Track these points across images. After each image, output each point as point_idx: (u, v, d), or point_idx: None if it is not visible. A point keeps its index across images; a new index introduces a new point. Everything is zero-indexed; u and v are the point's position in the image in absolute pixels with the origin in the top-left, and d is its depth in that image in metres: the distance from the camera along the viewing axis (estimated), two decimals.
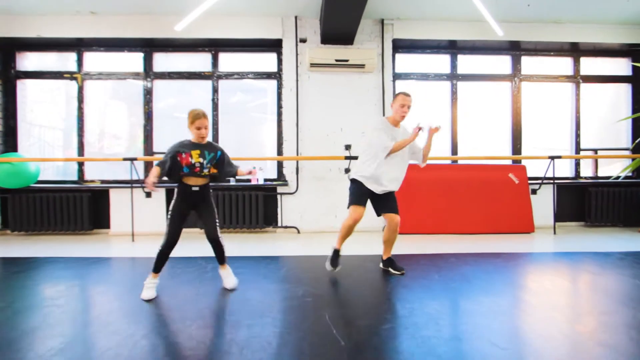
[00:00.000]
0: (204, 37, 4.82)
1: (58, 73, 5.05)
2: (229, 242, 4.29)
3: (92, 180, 5.05)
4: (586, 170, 5.47)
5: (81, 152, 5.04)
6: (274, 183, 4.92)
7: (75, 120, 5.05)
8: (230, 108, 5.17)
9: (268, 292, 2.57)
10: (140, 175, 4.72)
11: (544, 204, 4.98)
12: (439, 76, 5.30)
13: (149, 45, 5.02)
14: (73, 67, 5.05)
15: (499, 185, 4.85)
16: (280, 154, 5.03)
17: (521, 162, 5.12)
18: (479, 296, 2.46)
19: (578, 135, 5.39)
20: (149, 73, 5.06)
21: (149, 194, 4.76)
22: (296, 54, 4.90)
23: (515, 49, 5.29)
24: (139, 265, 3.28)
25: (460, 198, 4.77)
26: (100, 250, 3.94)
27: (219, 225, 2.59)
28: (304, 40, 4.90)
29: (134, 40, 4.88)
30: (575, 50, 5.35)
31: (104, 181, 5.02)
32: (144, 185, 4.62)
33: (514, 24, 4.93)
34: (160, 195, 4.78)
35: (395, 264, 3.01)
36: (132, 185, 4.56)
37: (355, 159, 3.80)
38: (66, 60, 5.10)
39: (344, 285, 2.72)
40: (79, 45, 4.99)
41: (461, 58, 5.32)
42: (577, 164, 5.41)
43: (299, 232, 4.90)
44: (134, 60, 5.08)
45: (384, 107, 4.94)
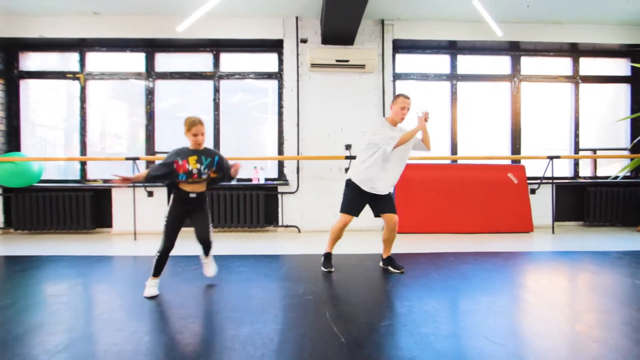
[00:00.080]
0: (205, 38, 4.85)
1: (61, 73, 5.09)
2: (230, 241, 4.36)
3: (95, 180, 5.09)
4: (585, 170, 5.50)
5: (84, 152, 5.09)
6: (275, 182, 4.95)
7: (78, 120, 5.09)
8: (232, 108, 5.20)
9: (269, 290, 2.60)
10: None
11: (543, 204, 5.02)
12: (438, 76, 5.33)
13: (151, 46, 5.06)
14: (75, 67, 5.09)
15: (498, 185, 4.88)
16: (281, 153, 5.06)
17: (520, 162, 5.15)
18: (478, 295, 2.49)
19: (577, 136, 5.42)
20: (150, 73, 5.10)
21: (151, 193, 4.80)
22: (297, 55, 4.94)
23: (514, 49, 5.32)
24: (142, 264, 3.32)
25: (460, 198, 4.81)
26: (103, 249, 3.98)
27: (212, 230, 2.67)
28: (304, 41, 4.94)
29: (136, 40, 4.92)
30: (574, 50, 5.38)
31: (106, 180, 5.06)
32: (145, 184, 4.66)
33: (514, 25, 4.96)
34: (162, 194, 4.81)
35: (394, 263, 3.04)
36: (134, 184, 4.60)
37: (355, 158, 3.82)
38: (68, 60, 5.14)
39: (344, 284, 2.76)
40: (82, 46, 5.03)
41: (461, 58, 5.35)
42: (576, 164, 5.44)
43: (299, 231, 4.94)
44: (136, 61, 5.12)
45: (384, 107, 4.97)
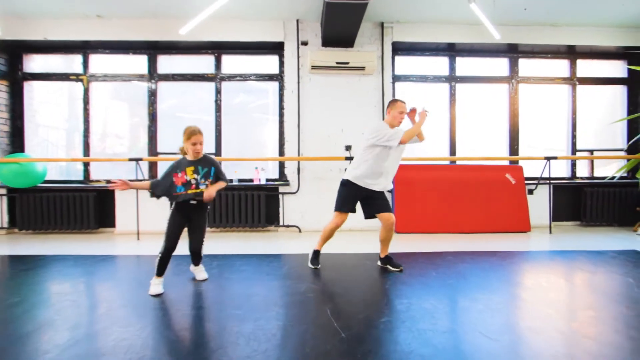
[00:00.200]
0: (207, 40, 4.91)
1: (64, 75, 5.15)
2: (232, 241, 4.42)
3: (98, 180, 5.15)
4: (582, 170, 5.56)
5: (87, 153, 5.15)
6: (276, 183, 5.02)
7: (82, 121, 5.15)
8: (233, 109, 5.26)
9: (271, 288, 2.67)
10: (145, 175, 4.82)
11: (541, 204, 5.08)
12: (437, 78, 5.40)
13: (154, 48, 5.12)
14: (79, 69, 5.15)
15: (496, 186, 4.94)
16: (282, 154, 5.13)
17: (518, 163, 5.21)
18: (475, 293, 2.55)
19: (574, 136, 5.48)
20: (153, 75, 5.16)
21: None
22: (297, 57, 5.00)
23: (512, 51, 5.39)
24: (145, 263, 3.38)
25: (458, 198, 4.87)
26: (107, 249, 4.04)
27: (205, 243, 2.77)
28: (305, 43, 5.00)
29: (138, 42, 4.98)
30: (571, 52, 5.45)
31: (109, 181, 5.11)
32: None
33: (512, 27, 5.03)
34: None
35: (393, 261, 3.10)
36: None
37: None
38: (72, 62, 5.20)
39: (344, 282, 2.82)
40: (85, 48, 5.09)
41: (459, 60, 5.41)
42: (574, 165, 5.50)
43: (300, 231, 5.00)
44: (139, 63, 5.18)
45: (383, 109, 5.03)
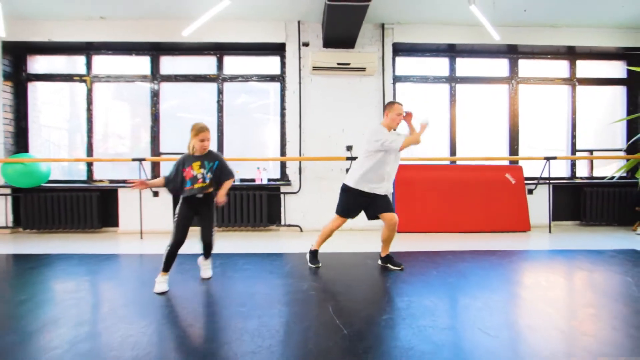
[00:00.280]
0: (209, 41, 4.96)
1: (68, 76, 5.19)
2: (235, 240, 4.46)
3: (101, 180, 5.20)
4: (582, 170, 5.59)
5: (90, 153, 5.19)
6: (278, 183, 5.05)
7: (85, 121, 5.19)
8: (235, 109, 5.30)
9: (274, 287, 2.71)
10: (147, 175, 4.87)
11: (540, 204, 5.11)
12: (438, 79, 5.43)
13: (156, 49, 5.16)
14: (82, 70, 5.19)
15: (496, 186, 4.98)
16: (284, 154, 5.16)
17: (518, 163, 5.25)
18: (475, 291, 2.59)
19: (574, 137, 5.52)
20: (156, 76, 5.20)
21: (156, 194, 4.90)
22: (299, 58, 5.04)
23: (512, 52, 5.42)
24: (149, 262, 3.42)
25: (459, 198, 4.90)
26: (110, 248, 4.08)
27: (215, 233, 2.78)
28: (306, 44, 5.04)
29: (141, 44, 5.02)
30: (571, 53, 5.48)
31: (112, 181, 5.17)
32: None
33: (512, 28, 5.06)
34: (166, 194, 4.90)
35: (393, 260, 3.14)
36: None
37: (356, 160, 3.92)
38: (75, 63, 5.24)
39: (346, 281, 2.86)
40: (88, 49, 5.14)
41: (460, 61, 5.45)
42: (573, 165, 5.54)
43: (301, 231, 5.04)
44: (142, 64, 5.22)
45: (384, 109, 5.06)
